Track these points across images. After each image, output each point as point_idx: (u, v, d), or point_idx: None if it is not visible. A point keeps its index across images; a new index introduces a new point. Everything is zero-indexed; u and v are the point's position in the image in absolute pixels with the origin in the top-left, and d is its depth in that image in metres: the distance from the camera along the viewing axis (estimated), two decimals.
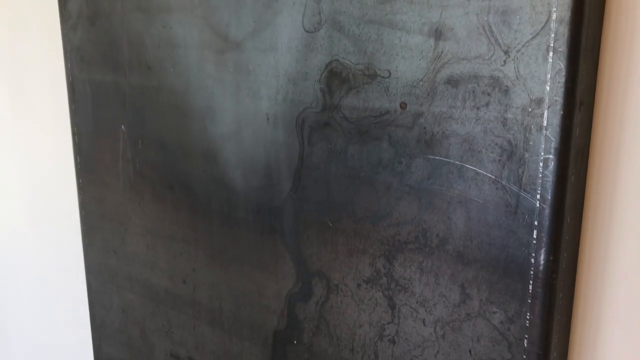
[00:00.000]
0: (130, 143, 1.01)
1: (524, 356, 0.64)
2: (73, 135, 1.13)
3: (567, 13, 0.55)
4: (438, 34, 0.63)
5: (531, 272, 0.62)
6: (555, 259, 0.61)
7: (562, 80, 0.56)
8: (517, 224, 0.62)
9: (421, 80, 0.66)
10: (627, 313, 0.64)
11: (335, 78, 0.73)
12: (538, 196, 0.60)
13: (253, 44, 0.80)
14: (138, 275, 1.08)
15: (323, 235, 0.79)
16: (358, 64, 0.70)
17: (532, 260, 0.61)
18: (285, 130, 0.79)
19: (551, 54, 0.57)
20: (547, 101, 0.58)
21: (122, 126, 1.02)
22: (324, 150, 0.76)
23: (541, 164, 0.59)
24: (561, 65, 0.56)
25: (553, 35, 0.56)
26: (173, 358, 1.07)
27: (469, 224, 0.65)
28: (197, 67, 0.87)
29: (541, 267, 0.61)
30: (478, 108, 0.62)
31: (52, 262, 1.42)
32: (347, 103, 0.72)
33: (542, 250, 0.61)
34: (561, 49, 0.56)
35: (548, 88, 0.57)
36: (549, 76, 0.57)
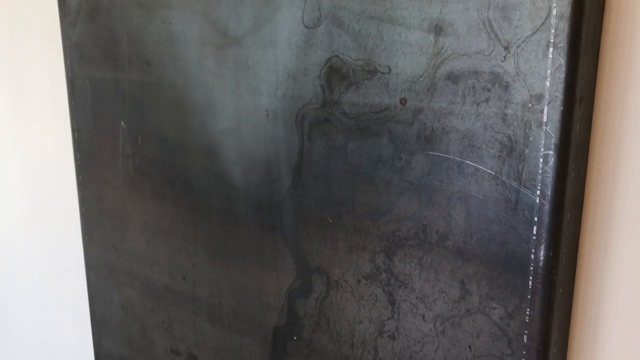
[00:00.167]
0: (130, 139, 1.01)
1: (524, 352, 0.64)
2: (73, 131, 1.13)
3: (568, 9, 0.55)
4: (438, 30, 0.63)
5: (531, 268, 0.62)
6: (555, 255, 0.61)
7: (562, 76, 0.56)
8: (517, 220, 0.62)
9: (421, 76, 0.66)
10: (627, 309, 0.64)
11: (335, 74, 0.73)
12: (538, 192, 0.60)
13: (253, 40, 0.80)
14: (138, 271, 1.08)
15: (323, 231, 0.79)
16: (358, 60, 0.70)
17: (532, 256, 0.62)
18: (285, 126, 0.79)
19: (551, 50, 0.56)
20: (547, 97, 0.57)
21: (122, 122, 1.02)
22: (324, 146, 0.76)
23: (541, 160, 0.59)
24: (561, 61, 0.56)
25: (553, 30, 0.56)
26: (173, 354, 1.07)
27: (469, 220, 0.65)
28: (197, 63, 0.87)
29: (541, 263, 0.61)
30: (478, 104, 0.62)
31: (52, 259, 1.42)
32: (347, 99, 0.72)
33: (542, 246, 0.61)
34: (561, 45, 0.56)
35: (548, 84, 0.57)
36: (549, 72, 0.57)
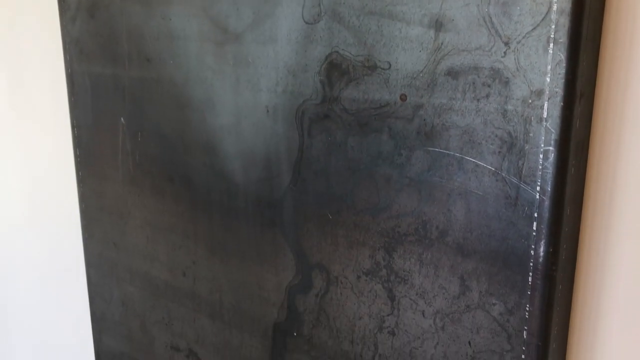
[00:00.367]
0: (129, 135, 1.01)
1: (524, 347, 0.64)
2: (72, 128, 1.12)
3: (568, 4, 0.55)
4: (438, 25, 0.63)
5: (531, 264, 0.62)
6: (555, 251, 0.61)
7: (563, 71, 0.56)
8: (517, 216, 0.62)
9: (421, 71, 0.66)
10: (627, 305, 0.64)
11: (335, 70, 0.73)
12: (538, 188, 0.60)
13: (252, 36, 0.79)
14: (138, 267, 1.08)
15: (323, 227, 0.79)
16: (358, 56, 0.70)
17: (532, 252, 0.62)
18: (284, 122, 0.79)
19: (552, 45, 0.56)
20: (548, 93, 0.57)
21: (122, 119, 1.02)
22: (324, 142, 0.76)
23: (541, 156, 0.59)
24: (561, 56, 0.56)
25: (554, 26, 0.56)
26: (173, 350, 1.07)
27: (469, 216, 0.65)
28: (197, 59, 0.87)
29: (541, 259, 0.61)
30: (478, 100, 0.62)
31: (52, 255, 1.42)
32: (347, 95, 0.72)
33: (542, 242, 0.61)
34: (562, 40, 0.56)
35: (548, 79, 0.57)
36: (550, 67, 0.57)
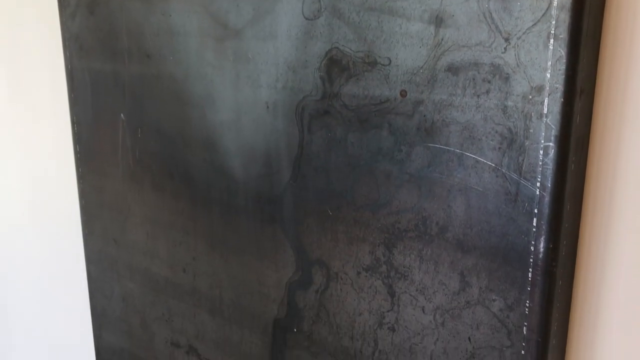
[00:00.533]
0: (129, 132, 1.01)
1: (523, 344, 0.64)
2: (72, 124, 1.12)
3: (568, 0, 0.55)
4: (438, 21, 0.63)
5: (531, 260, 0.62)
6: (555, 247, 0.61)
7: (563, 67, 0.56)
8: (517, 212, 0.62)
9: (421, 67, 0.65)
10: (627, 301, 0.64)
11: (335, 66, 0.72)
12: (538, 184, 0.60)
13: (252, 32, 0.79)
14: (138, 264, 1.08)
15: (323, 223, 0.79)
16: (358, 52, 0.70)
17: (532, 248, 0.62)
18: (284, 118, 0.79)
19: (552, 41, 0.56)
20: (548, 88, 0.57)
21: (122, 115, 1.02)
22: (324, 138, 0.76)
23: (541, 152, 0.59)
24: (562, 52, 0.56)
25: (554, 22, 0.56)
26: (173, 346, 1.07)
27: (469, 212, 0.65)
28: (197, 55, 0.87)
29: (541, 255, 0.61)
30: (478, 96, 0.62)
31: (52, 252, 1.42)
32: (347, 91, 0.72)
33: (542, 238, 0.61)
34: (562, 36, 0.56)
35: (549, 75, 0.57)
36: (550, 63, 0.57)
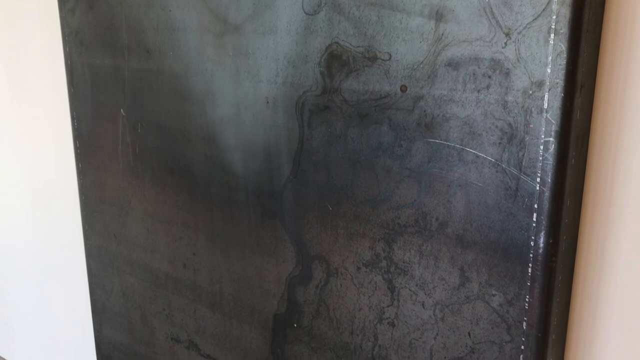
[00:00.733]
0: (129, 127, 1.01)
1: (523, 338, 0.64)
2: (72, 119, 1.12)
3: None
4: (439, 16, 0.63)
5: (531, 255, 0.62)
6: (554, 242, 0.61)
7: (563, 62, 0.56)
8: (517, 207, 0.62)
9: (422, 62, 0.65)
10: (626, 296, 0.64)
11: (335, 61, 0.72)
12: (538, 179, 0.60)
13: (252, 27, 0.79)
14: (138, 259, 1.08)
15: (323, 219, 0.79)
16: (358, 47, 0.70)
17: (532, 243, 0.62)
18: (285, 113, 0.79)
19: (552, 36, 0.56)
20: (548, 83, 0.57)
21: (122, 110, 1.02)
22: (324, 133, 0.76)
23: (541, 147, 0.59)
24: (562, 47, 0.56)
25: (554, 17, 0.56)
26: (174, 341, 1.07)
27: (469, 207, 0.65)
28: (197, 51, 0.87)
29: (541, 250, 0.61)
30: (478, 91, 0.62)
31: (52, 247, 1.43)
32: (347, 86, 0.72)
33: (542, 233, 0.61)
34: (562, 31, 0.55)
35: (549, 70, 0.57)
36: (550, 58, 0.57)
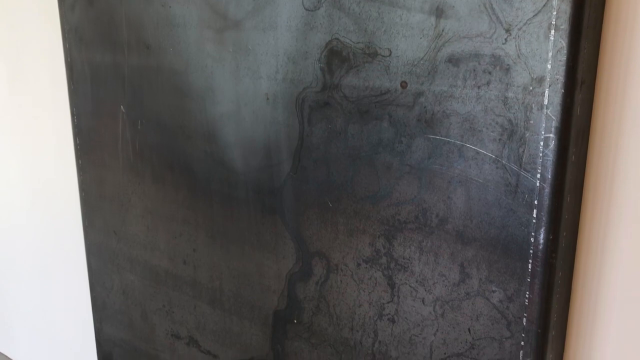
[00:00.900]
0: (129, 124, 1.01)
1: (523, 334, 0.64)
2: (72, 116, 1.12)
3: None
4: (439, 12, 0.63)
5: (531, 251, 0.62)
6: (554, 238, 0.61)
7: (564, 58, 0.56)
8: (517, 203, 0.62)
9: (422, 59, 0.65)
10: (626, 292, 0.64)
11: (335, 57, 0.72)
12: (538, 175, 0.60)
13: (252, 23, 0.79)
14: (138, 256, 1.08)
15: (323, 215, 0.79)
16: (358, 43, 0.70)
17: (532, 239, 0.62)
18: (285, 110, 0.79)
19: (553, 32, 0.56)
20: (548, 80, 0.57)
21: (122, 107, 1.01)
22: (324, 130, 0.76)
23: (542, 143, 0.59)
24: (563, 43, 0.56)
25: (555, 12, 0.56)
26: (174, 338, 1.08)
27: (469, 204, 0.65)
28: (196, 47, 0.87)
29: (541, 246, 0.61)
30: (479, 87, 0.62)
31: (52, 244, 1.43)
32: (348, 82, 0.72)
33: (542, 229, 0.61)
34: (563, 27, 0.55)
35: (549, 66, 0.57)
36: (551, 54, 0.57)
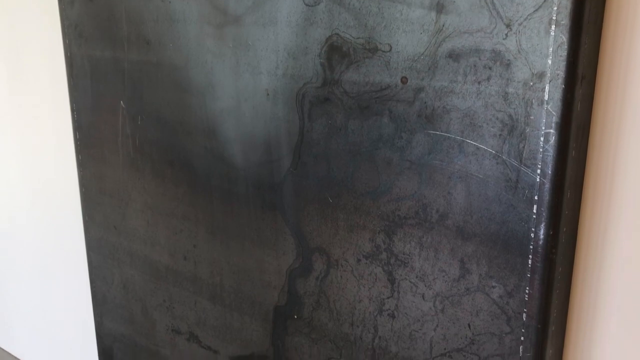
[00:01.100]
0: (129, 119, 1.01)
1: (523, 330, 0.65)
2: (72, 111, 1.12)
3: None
4: (439, 7, 0.63)
5: (531, 247, 0.62)
6: (554, 234, 0.61)
7: (564, 53, 0.56)
8: (517, 199, 0.62)
9: (422, 54, 0.65)
10: (626, 288, 0.64)
11: (335, 52, 0.72)
12: (538, 171, 0.60)
13: (252, 18, 0.79)
14: (139, 251, 1.09)
15: (323, 211, 0.79)
16: (358, 38, 0.70)
17: (532, 234, 0.62)
18: (285, 105, 0.79)
19: (553, 27, 0.56)
20: (549, 75, 0.57)
21: (122, 102, 1.01)
22: (324, 125, 0.76)
23: (542, 139, 0.59)
24: (563, 38, 0.56)
25: (555, 8, 0.56)
26: (174, 333, 1.08)
27: (469, 199, 0.65)
28: (196, 42, 0.87)
29: (541, 242, 0.61)
30: (479, 82, 0.62)
31: (53, 239, 1.43)
32: (348, 78, 0.72)
33: (542, 224, 0.61)
34: (563, 22, 0.55)
35: (550, 62, 0.57)
36: (551, 50, 0.57)
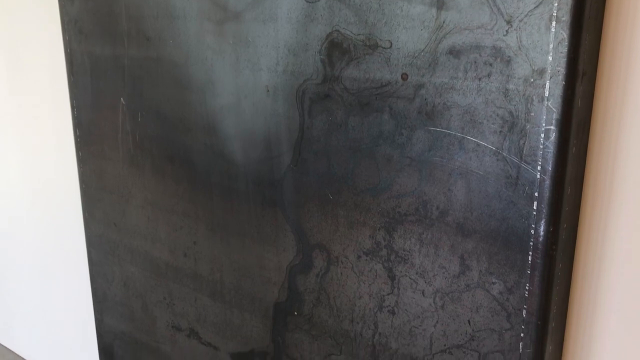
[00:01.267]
0: (129, 116, 1.01)
1: (523, 326, 0.65)
2: (72, 108, 1.12)
3: None
4: (440, 4, 0.62)
5: (531, 243, 0.62)
6: (555, 230, 0.61)
7: (565, 50, 0.56)
8: (518, 196, 0.62)
9: (423, 50, 0.65)
10: (626, 284, 0.64)
11: (335, 49, 0.72)
12: (539, 167, 0.60)
13: (252, 15, 0.79)
14: (139, 248, 1.09)
15: (323, 207, 0.79)
16: (359, 35, 0.70)
17: (532, 231, 0.62)
18: (285, 102, 0.79)
19: (554, 24, 0.56)
20: (549, 71, 0.57)
21: (122, 99, 1.01)
22: (325, 122, 0.76)
23: (542, 135, 0.59)
24: (564, 34, 0.56)
25: (556, 4, 0.55)
26: (175, 329, 1.08)
27: (469, 196, 0.66)
28: (196, 39, 0.87)
29: (541, 238, 0.61)
30: (480, 79, 0.62)
31: (53, 236, 1.43)
32: (348, 74, 0.72)
33: (542, 221, 0.61)
34: (564, 18, 0.55)
35: (550, 58, 0.57)
36: (552, 46, 0.57)
